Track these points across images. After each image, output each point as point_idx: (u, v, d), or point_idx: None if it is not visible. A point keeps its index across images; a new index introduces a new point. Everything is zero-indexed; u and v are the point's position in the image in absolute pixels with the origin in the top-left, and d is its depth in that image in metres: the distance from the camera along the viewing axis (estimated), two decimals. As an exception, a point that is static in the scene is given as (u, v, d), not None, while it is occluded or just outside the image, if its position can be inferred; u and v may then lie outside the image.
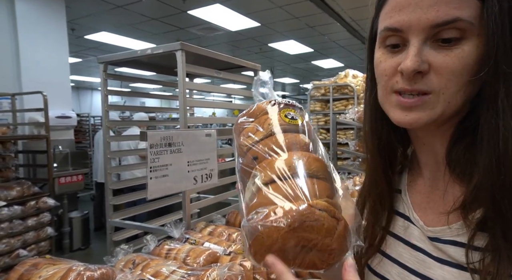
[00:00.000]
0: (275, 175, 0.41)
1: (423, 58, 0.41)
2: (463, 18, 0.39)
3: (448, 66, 0.41)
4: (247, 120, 0.51)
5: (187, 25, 5.59)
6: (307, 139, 0.48)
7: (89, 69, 9.32)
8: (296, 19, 5.44)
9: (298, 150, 0.45)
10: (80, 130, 7.67)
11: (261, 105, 0.52)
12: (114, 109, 2.23)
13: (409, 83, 0.43)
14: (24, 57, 3.69)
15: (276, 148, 0.45)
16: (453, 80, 0.41)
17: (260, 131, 0.48)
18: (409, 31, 0.42)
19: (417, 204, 0.53)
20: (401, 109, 0.45)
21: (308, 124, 0.50)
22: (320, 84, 4.38)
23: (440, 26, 0.40)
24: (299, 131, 0.48)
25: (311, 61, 8.91)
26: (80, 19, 5.16)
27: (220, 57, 1.88)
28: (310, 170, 0.42)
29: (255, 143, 0.47)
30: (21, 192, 2.82)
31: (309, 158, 0.43)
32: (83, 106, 12.37)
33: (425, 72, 0.42)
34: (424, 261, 0.48)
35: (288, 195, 0.39)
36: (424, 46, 0.42)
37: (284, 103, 0.53)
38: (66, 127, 4.07)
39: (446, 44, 0.41)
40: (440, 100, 0.42)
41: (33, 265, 0.87)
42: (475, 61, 0.41)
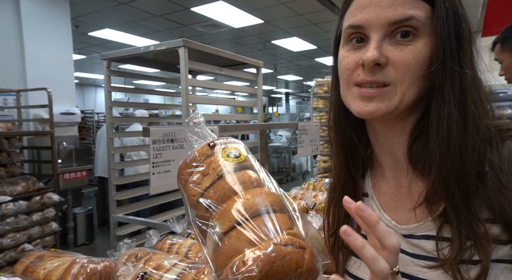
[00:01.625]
0: (234, 222, 0.41)
1: (382, 52, 0.46)
2: (416, 17, 0.45)
3: (403, 60, 0.45)
4: (191, 167, 0.50)
5: (190, 22, 5.59)
6: (255, 174, 0.48)
7: (93, 66, 9.36)
8: (300, 16, 5.42)
9: (249, 189, 0.45)
10: (84, 126, 7.71)
11: (201, 150, 0.52)
12: (117, 105, 2.25)
13: (370, 74, 0.47)
14: (29, 54, 3.72)
15: (227, 191, 0.44)
16: (408, 73, 0.45)
17: (207, 176, 0.47)
18: (369, 27, 0.47)
19: (385, 204, 0.55)
20: (361, 100, 0.48)
21: (248, 157, 0.51)
22: (323, 81, 4.36)
23: (397, 23, 0.45)
24: (245, 168, 0.49)
25: (314, 58, 8.88)
26: (84, 16, 5.18)
27: (223, 54, 1.88)
28: (266, 206, 0.42)
29: (204, 190, 0.46)
30: (26, 187, 2.86)
31: (262, 194, 0.44)
32: (87, 102, 12.43)
33: (384, 65, 0.46)
34: (402, 259, 0.48)
35: (252, 239, 0.39)
36: (383, 42, 0.46)
37: (223, 142, 0.52)
38: (70, 124, 4.10)
39: (402, 39, 0.45)
40: (397, 92, 0.46)
41: (38, 257, 0.89)
42: (426, 58, 0.46)
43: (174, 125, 3.05)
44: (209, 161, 0.49)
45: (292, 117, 12.42)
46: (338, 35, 0.55)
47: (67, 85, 4.04)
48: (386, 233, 0.36)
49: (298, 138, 2.32)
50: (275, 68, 9.81)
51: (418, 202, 0.47)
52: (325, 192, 2.07)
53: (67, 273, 0.80)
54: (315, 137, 2.47)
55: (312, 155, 3.19)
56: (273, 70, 9.92)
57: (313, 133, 2.44)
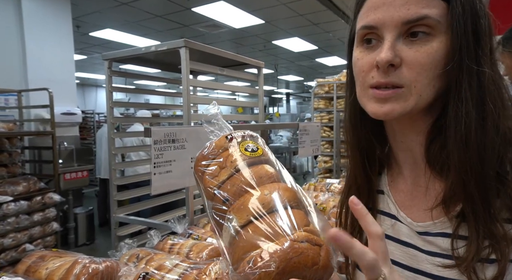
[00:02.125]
0: (251, 216, 0.41)
1: (396, 52, 0.45)
2: (431, 16, 0.44)
3: (418, 60, 0.44)
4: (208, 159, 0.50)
5: (191, 22, 5.60)
6: (272, 169, 0.48)
7: (94, 66, 9.37)
8: (300, 17, 5.42)
9: (266, 183, 0.45)
10: (85, 126, 7.72)
11: (218, 142, 0.52)
12: (118, 105, 2.25)
13: (384, 75, 0.46)
14: (30, 55, 3.72)
15: (244, 186, 0.44)
16: (422, 74, 0.45)
17: (224, 169, 0.47)
18: (383, 27, 0.46)
19: (401, 202, 0.54)
20: (376, 101, 0.48)
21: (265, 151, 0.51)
22: (324, 82, 4.37)
23: (411, 23, 0.44)
24: (262, 162, 0.48)
25: (315, 59, 8.88)
26: (85, 16, 5.19)
27: (224, 54, 1.89)
28: (283, 202, 0.42)
29: (221, 183, 0.46)
30: (27, 187, 2.86)
31: (279, 190, 0.44)
32: (88, 103, 12.44)
33: (398, 65, 0.45)
34: (416, 256, 0.49)
35: (268, 234, 0.39)
36: (397, 42, 0.45)
37: (241, 135, 0.53)
38: (71, 124, 4.11)
39: (416, 38, 0.45)
40: (412, 93, 0.45)
41: (40, 257, 0.89)
42: (442, 57, 0.45)
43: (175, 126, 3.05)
44: (227, 154, 0.49)
45: (293, 117, 12.42)
46: (352, 36, 0.54)
47: (68, 85, 4.04)
48: (371, 222, 0.37)
49: (299, 139, 2.32)
50: (276, 69, 9.82)
51: (436, 203, 0.47)
52: (326, 193, 2.06)
53: (69, 273, 0.80)
54: (316, 138, 2.47)
55: (313, 155, 3.19)
56: (274, 70, 9.92)
57: (314, 134, 2.44)
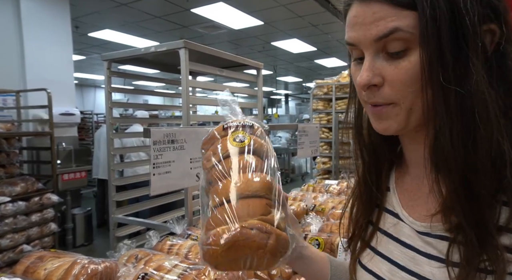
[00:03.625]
0: (219, 200, 0.49)
1: (376, 71, 0.43)
2: (401, 28, 0.41)
3: (398, 78, 0.42)
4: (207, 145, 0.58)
5: (190, 23, 5.60)
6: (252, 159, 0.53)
7: (93, 67, 9.36)
8: (299, 18, 5.44)
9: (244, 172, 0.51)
10: (84, 127, 7.70)
11: (217, 130, 0.59)
12: (117, 106, 2.25)
13: (370, 96, 0.45)
14: (29, 55, 3.72)
15: (224, 172, 0.51)
16: (406, 91, 0.42)
17: (215, 155, 0.54)
18: (360, 45, 0.45)
19: (405, 201, 0.54)
20: (373, 117, 0.48)
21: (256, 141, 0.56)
22: (322, 83, 4.38)
23: (382, 38, 0.42)
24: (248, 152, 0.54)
25: (314, 60, 8.90)
26: (84, 17, 5.18)
27: (223, 55, 1.89)
28: (249, 191, 0.49)
29: (210, 168, 0.54)
30: (25, 188, 2.86)
31: (248, 181, 0.50)
32: (87, 103, 12.41)
33: (380, 84, 0.44)
34: (414, 258, 0.49)
35: (228, 218, 0.46)
36: (376, 59, 0.44)
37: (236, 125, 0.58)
38: (70, 124, 4.10)
39: (394, 54, 0.42)
40: (402, 108, 0.44)
41: (39, 258, 0.89)
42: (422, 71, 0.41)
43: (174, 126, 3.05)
44: (219, 142, 0.56)
45: (292, 118, 12.43)
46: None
47: (66, 85, 4.03)
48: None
49: (298, 140, 2.32)
50: (275, 70, 9.83)
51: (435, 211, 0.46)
52: (325, 194, 2.07)
53: (68, 273, 0.80)
54: (315, 139, 2.48)
55: (311, 156, 3.19)
56: (273, 71, 9.93)
57: (313, 135, 2.44)
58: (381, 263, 0.53)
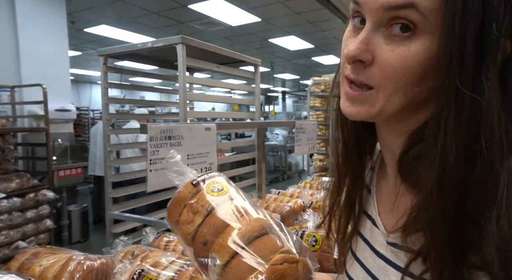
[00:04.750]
0: (231, 252, 0.45)
1: (370, 47, 0.38)
2: (418, 6, 0.34)
3: (389, 63, 0.37)
4: (179, 208, 0.53)
5: (188, 19, 5.57)
6: (239, 202, 0.52)
7: (89, 63, 9.28)
8: (297, 15, 5.42)
9: (237, 218, 0.49)
10: (79, 123, 7.66)
11: (185, 190, 0.55)
12: (114, 102, 2.23)
13: (354, 71, 0.40)
14: (24, 50, 3.68)
15: (219, 226, 0.48)
16: (392, 79, 0.37)
17: (197, 214, 0.51)
18: (365, 8, 0.38)
19: (382, 205, 0.50)
20: (346, 98, 0.42)
21: (229, 188, 0.54)
22: (320, 80, 4.37)
23: (393, 9, 0.35)
24: (229, 199, 0.52)
25: (312, 57, 8.89)
26: (80, 12, 5.13)
27: (221, 51, 1.88)
28: (256, 231, 0.47)
29: (197, 227, 0.50)
30: (20, 184, 2.83)
31: (250, 222, 0.48)
32: (82, 99, 12.33)
33: (368, 62, 0.38)
34: (384, 268, 0.46)
35: (251, 265, 0.44)
36: (376, 33, 0.38)
37: (205, 178, 0.56)
38: (66, 120, 4.07)
39: (398, 34, 0.36)
40: (379, 97, 0.39)
41: (34, 254, 0.88)
42: (421, 64, 0.36)
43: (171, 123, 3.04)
44: (196, 199, 0.52)
45: (289, 115, 12.43)
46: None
47: (62, 81, 4.00)
48: None
49: (295, 137, 2.31)
50: (272, 67, 9.81)
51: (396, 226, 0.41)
52: (322, 191, 2.07)
53: (64, 270, 0.79)
54: (312, 136, 2.47)
55: (308, 153, 3.19)
56: (270, 68, 9.91)
57: (310, 132, 2.44)
58: (359, 270, 0.51)
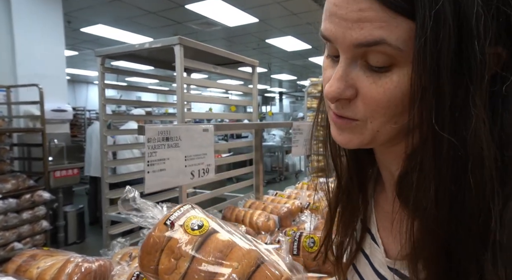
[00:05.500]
0: None
1: (350, 82, 0.36)
2: (388, 41, 0.32)
3: (373, 96, 0.35)
4: (155, 255, 0.46)
5: (185, 19, 5.56)
6: (225, 237, 0.46)
7: (85, 63, 9.24)
8: (294, 15, 5.43)
9: (228, 254, 0.45)
10: (76, 124, 7.62)
11: (158, 233, 0.47)
12: (111, 103, 2.22)
13: (337, 106, 0.38)
14: (20, 50, 3.65)
15: (211, 269, 0.43)
16: (379, 112, 0.35)
17: (180, 260, 0.45)
18: (336, 44, 0.36)
19: (381, 221, 0.47)
20: (335, 127, 0.40)
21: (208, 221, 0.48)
22: (317, 81, 4.39)
23: (364, 47, 0.33)
24: (212, 233, 0.47)
25: (309, 58, 8.91)
26: (76, 12, 5.11)
27: (218, 52, 1.88)
28: (253, 266, 0.44)
29: (184, 275, 0.44)
30: (16, 185, 2.81)
31: (244, 257, 0.45)
32: (79, 99, 12.27)
33: (352, 97, 0.36)
34: None
35: None
36: (353, 66, 0.36)
37: (178, 215, 0.48)
38: (62, 121, 4.05)
39: (375, 66, 0.34)
40: (368, 128, 0.37)
41: (31, 256, 0.87)
42: (405, 93, 0.33)
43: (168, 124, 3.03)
44: (175, 242, 0.45)
45: (286, 116, 12.44)
46: None
47: (58, 81, 3.98)
48: None
49: (292, 138, 2.32)
50: (269, 67, 9.82)
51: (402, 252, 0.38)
52: (320, 192, 2.07)
53: (61, 272, 0.79)
54: (309, 137, 2.48)
55: (305, 154, 3.20)
56: (267, 69, 9.92)
57: (307, 133, 2.44)
58: None
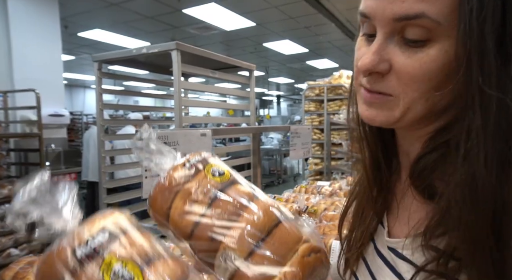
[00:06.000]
0: (252, 246, 0.39)
1: (385, 56, 0.37)
2: (428, 14, 0.33)
3: (408, 70, 0.36)
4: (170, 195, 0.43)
5: (182, 24, 5.57)
6: (246, 188, 0.43)
7: (82, 67, 9.23)
8: (292, 19, 5.46)
9: (250, 209, 0.41)
10: (73, 128, 7.60)
11: (175, 173, 0.44)
12: (108, 107, 2.22)
13: (370, 81, 0.39)
14: (17, 54, 3.65)
15: (230, 215, 0.40)
16: (412, 86, 0.36)
17: (198, 202, 0.41)
18: (375, 19, 0.37)
19: (391, 206, 0.48)
20: (364, 102, 0.41)
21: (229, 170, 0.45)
22: (314, 85, 4.40)
23: (403, 20, 0.34)
24: (233, 183, 0.44)
25: (306, 61, 8.94)
26: (73, 17, 5.11)
27: (215, 57, 1.88)
28: (274, 220, 0.41)
29: (200, 219, 0.40)
30: (12, 190, 2.79)
31: (266, 210, 0.41)
32: (76, 104, 12.24)
33: (385, 72, 0.37)
34: (381, 268, 0.45)
35: (276, 260, 0.38)
36: (389, 41, 0.37)
37: (199, 159, 0.45)
38: (59, 125, 4.04)
39: (412, 41, 0.35)
40: (400, 104, 0.38)
41: (28, 263, 0.87)
42: (441, 68, 0.35)
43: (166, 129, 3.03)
44: (193, 185, 0.43)
45: (283, 119, 12.48)
46: None
47: (55, 86, 3.97)
48: None
49: (290, 141, 2.32)
50: (267, 71, 9.85)
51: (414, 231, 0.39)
52: (317, 195, 2.08)
53: (59, 279, 0.78)
54: (307, 140, 2.49)
55: (304, 158, 3.21)
56: (265, 72, 9.95)
57: (305, 136, 2.45)
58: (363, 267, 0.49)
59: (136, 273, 0.32)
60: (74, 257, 0.32)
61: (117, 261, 0.32)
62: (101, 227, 0.35)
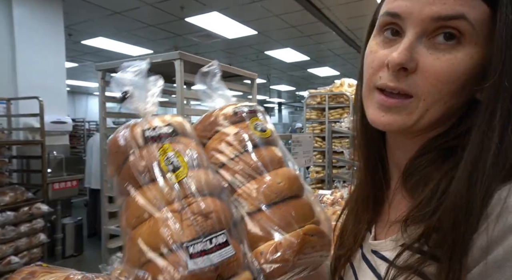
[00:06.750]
0: (264, 204, 0.40)
1: (414, 55, 0.38)
2: (468, 17, 0.35)
3: (436, 70, 0.37)
4: (212, 130, 0.45)
5: (185, 32, 5.63)
6: (279, 153, 0.45)
7: (85, 74, 9.30)
8: (293, 28, 5.50)
9: (275, 169, 0.43)
10: (75, 135, 7.62)
11: (225, 113, 0.46)
12: (111, 116, 2.24)
13: (393, 79, 0.39)
14: (21, 62, 3.68)
15: (254, 170, 0.42)
16: (437, 86, 0.37)
17: (232, 147, 0.43)
18: (408, 19, 0.38)
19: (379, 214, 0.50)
20: (378, 107, 0.41)
21: (272, 131, 0.47)
22: (316, 93, 4.42)
23: (442, 20, 0.36)
24: (270, 144, 0.45)
25: (307, 69, 8.99)
26: (77, 25, 5.17)
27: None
28: (293, 192, 0.42)
29: (227, 161, 0.43)
30: (14, 197, 2.80)
31: (290, 179, 0.43)
32: (78, 111, 12.29)
33: (411, 70, 0.38)
34: (365, 271, 0.45)
35: (281, 224, 0.39)
36: (418, 42, 0.38)
37: (249, 110, 0.47)
38: (61, 132, 4.05)
39: (442, 43, 0.37)
40: (419, 106, 0.39)
41: (30, 273, 0.86)
42: (464, 72, 0.37)
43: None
44: (233, 130, 0.44)
45: (285, 126, 12.49)
46: (373, 21, 0.45)
47: (58, 93, 4.00)
48: None
49: (291, 150, 2.33)
50: (268, 78, 9.89)
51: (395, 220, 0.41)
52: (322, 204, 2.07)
53: (60, 290, 0.78)
54: (309, 149, 2.49)
55: (305, 166, 3.20)
56: (266, 80, 9.99)
57: (306, 145, 2.45)
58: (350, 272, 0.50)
59: (183, 165, 0.38)
60: (143, 135, 0.40)
61: (172, 151, 0.39)
62: (168, 122, 0.42)
